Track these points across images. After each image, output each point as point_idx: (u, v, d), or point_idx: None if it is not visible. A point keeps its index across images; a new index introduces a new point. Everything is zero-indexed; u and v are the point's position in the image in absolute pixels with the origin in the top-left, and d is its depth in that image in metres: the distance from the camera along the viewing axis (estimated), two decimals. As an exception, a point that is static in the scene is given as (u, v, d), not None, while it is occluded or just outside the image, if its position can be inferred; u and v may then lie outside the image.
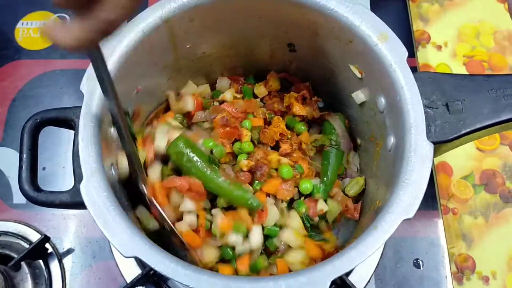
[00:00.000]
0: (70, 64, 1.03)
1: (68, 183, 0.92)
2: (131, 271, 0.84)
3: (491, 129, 0.62)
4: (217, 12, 0.71)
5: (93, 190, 0.58)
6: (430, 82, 0.64)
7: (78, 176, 0.61)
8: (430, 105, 0.63)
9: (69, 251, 0.88)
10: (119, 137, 0.63)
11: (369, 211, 0.73)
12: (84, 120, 0.61)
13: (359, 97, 0.75)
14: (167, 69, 0.77)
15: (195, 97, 0.83)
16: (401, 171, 0.58)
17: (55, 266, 0.86)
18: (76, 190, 0.60)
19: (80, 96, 0.62)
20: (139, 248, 0.55)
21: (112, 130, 0.67)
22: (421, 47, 1.16)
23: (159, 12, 0.67)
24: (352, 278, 0.83)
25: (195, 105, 0.82)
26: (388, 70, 0.63)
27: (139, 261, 0.84)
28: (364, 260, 0.54)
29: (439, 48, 1.16)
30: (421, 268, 0.87)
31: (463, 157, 1.05)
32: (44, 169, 0.94)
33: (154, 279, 0.82)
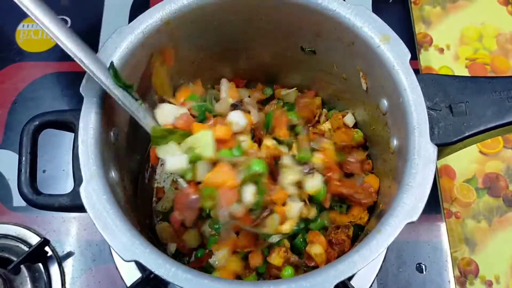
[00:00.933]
0: (71, 66, 1.03)
1: (68, 186, 0.92)
2: (131, 275, 0.84)
3: (495, 131, 0.62)
4: (218, 14, 0.70)
5: (93, 193, 0.58)
6: (433, 84, 0.64)
7: (77, 179, 0.61)
8: (433, 107, 0.62)
9: (69, 254, 0.88)
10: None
11: (373, 216, 0.73)
12: (84, 122, 0.61)
13: None
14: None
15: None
16: (404, 174, 0.58)
17: (54, 269, 0.86)
18: (75, 193, 0.60)
19: (81, 99, 0.62)
20: (139, 251, 0.55)
21: (112, 132, 0.66)
22: (423, 50, 1.15)
23: (160, 13, 0.66)
24: (354, 282, 0.83)
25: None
26: (390, 71, 0.62)
27: (139, 265, 0.84)
28: (367, 264, 0.53)
29: (442, 51, 1.15)
30: (424, 272, 0.87)
31: (466, 161, 1.04)
32: (44, 172, 0.93)
33: (154, 283, 0.81)
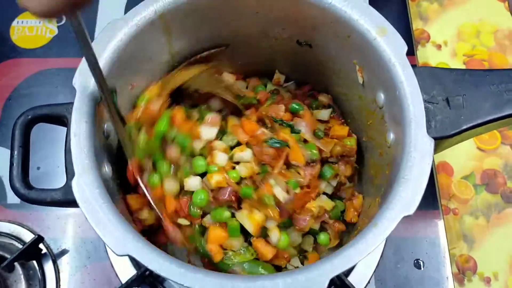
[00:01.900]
0: (65, 62, 1.03)
1: (63, 183, 0.91)
2: (126, 272, 0.83)
3: (492, 124, 0.61)
4: (212, 7, 0.70)
5: (85, 186, 0.57)
6: (430, 77, 0.63)
7: (70, 173, 0.60)
8: (430, 100, 0.62)
9: (64, 252, 0.87)
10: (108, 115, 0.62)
11: (368, 209, 0.72)
12: (76, 115, 0.60)
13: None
14: (162, 65, 0.75)
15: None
16: (401, 167, 0.57)
17: (49, 267, 0.85)
18: (68, 187, 0.59)
19: (75, 95, 0.61)
20: (132, 246, 0.54)
21: (105, 126, 0.65)
22: (420, 46, 1.15)
23: (154, 6, 0.65)
24: (351, 278, 0.82)
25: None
26: (387, 64, 0.62)
27: (134, 262, 0.83)
28: (363, 257, 0.53)
29: (439, 47, 1.15)
30: (422, 268, 0.86)
31: (463, 157, 1.04)
32: (38, 168, 0.93)
33: (149, 280, 0.81)
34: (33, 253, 0.85)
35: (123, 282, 0.79)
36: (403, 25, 1.08)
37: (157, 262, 0.53)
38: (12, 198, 0.91)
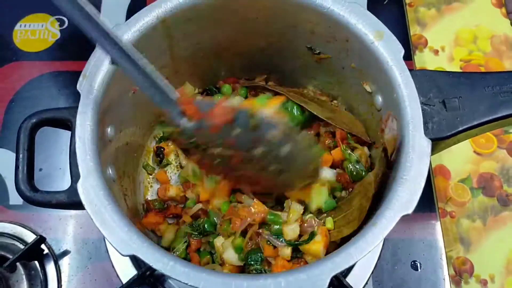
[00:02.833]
0: (68, 66, 1.04)
1: (65, 184, 0.92)
2: (127, 272, 0.84)
3: (488, 126, 0.63)
4: (213, 12, 0.71)
5: (90, 188, 0.58)
6: (426, 79, 0.65)
7: (75, 175, 0.61)
8: (427, 103, 0.63)
9: (65, 252, 0.88)
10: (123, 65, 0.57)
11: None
12: (81, 119, 0.61)
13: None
14: (164, 69, 0.76)
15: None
16: (399, 167, 0.58)
17: (50, 267, 0.86)
18: (73, 189, 0.60)
19: (77, 98, 0.62)
20: (137, 246, 0.55)
21: (108, 129, 0.66)
22: (418, 52, 1.16)
23: (156, 11, 0.67)
24: (349, 279, 0.83)
25: None
26: (385, 67, 0.63)
27: (135, 262, 0.84)
28: (363, 256, 0.54)
29: (436, 52, 1.16)
30: (419, 270, 0.87)
31: (460, 161, 1.05)
32: (40, 170, 0.94)
33: (150, 280, 0.81)
34: (35, 254, 0.85)
35: (124, 282, 0.80)
36: (401, 31, 1.09)
37: (162, 261, 0.54)
38: (14, 199, 0.92)
